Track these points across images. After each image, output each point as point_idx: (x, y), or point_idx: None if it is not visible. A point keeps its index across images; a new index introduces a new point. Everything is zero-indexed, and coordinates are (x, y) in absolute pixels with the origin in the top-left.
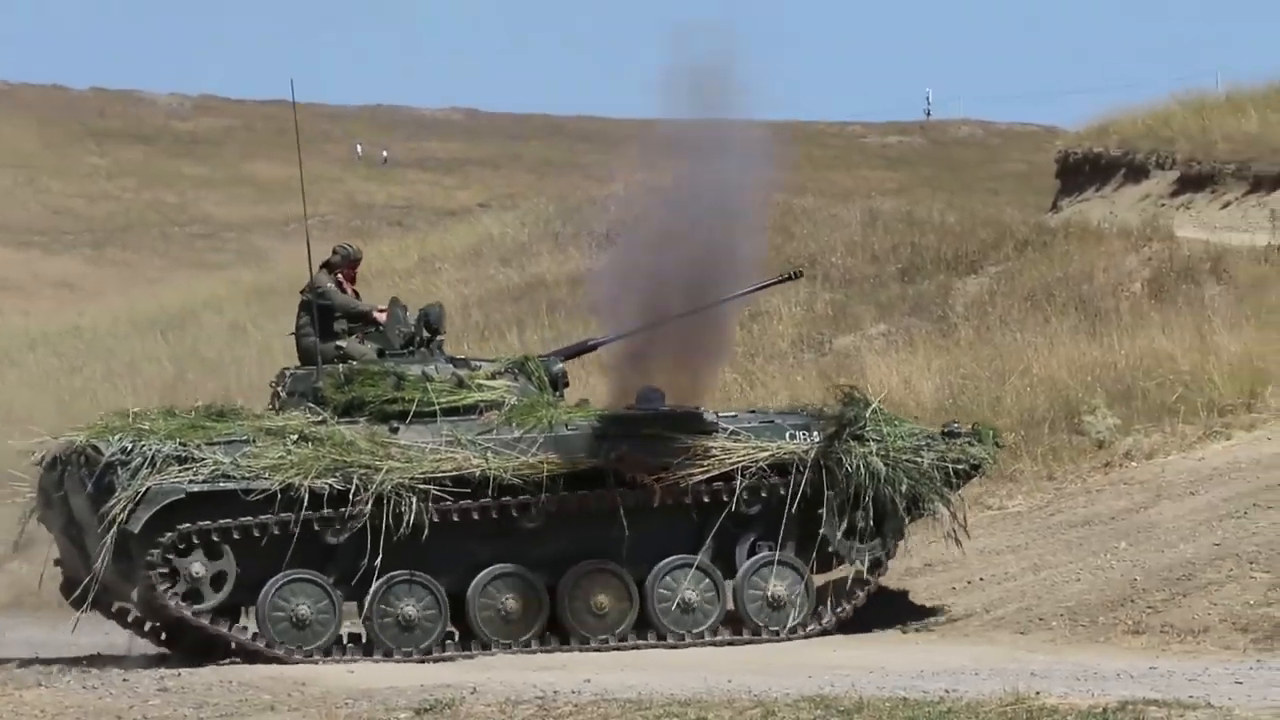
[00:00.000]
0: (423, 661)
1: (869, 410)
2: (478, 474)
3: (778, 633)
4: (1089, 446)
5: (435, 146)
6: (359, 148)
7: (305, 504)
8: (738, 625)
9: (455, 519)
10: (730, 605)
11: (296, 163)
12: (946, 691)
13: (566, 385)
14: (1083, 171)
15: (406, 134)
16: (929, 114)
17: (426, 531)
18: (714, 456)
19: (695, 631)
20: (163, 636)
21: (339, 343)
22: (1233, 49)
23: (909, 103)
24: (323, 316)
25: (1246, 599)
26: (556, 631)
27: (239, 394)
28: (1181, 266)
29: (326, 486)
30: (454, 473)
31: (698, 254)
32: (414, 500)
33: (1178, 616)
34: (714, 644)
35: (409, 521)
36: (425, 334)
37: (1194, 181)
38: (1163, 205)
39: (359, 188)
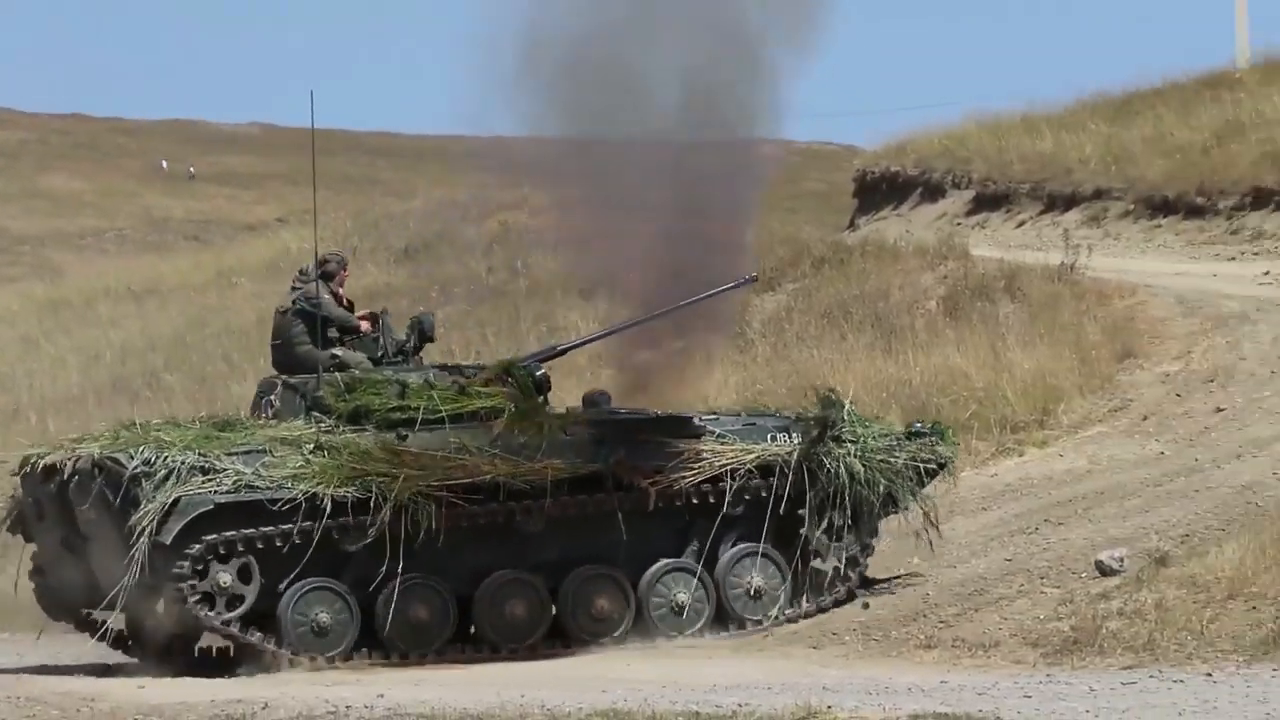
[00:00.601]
0: (436, 664)
1: (844, 412)
2: (488, 480)
3: (760, 623)
4: None
5: (233, 161)
6: (164, 163)
7: (328, 513)
8: (724, 622)
9: (464, 524)
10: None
11: (92, 175)
12: (739, 706)
13: (549, 389)
14: (880, 190)
15: (204, 148)
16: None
17: (442, 538)
18: (704, 460)
19: (688, 633)
20: (130, 644)
21: (334, 351)
22: (1029, 70)
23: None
24: (316, 326)
25: (1037, 614)
26: (559, 636)
27: (30, 408)
28: (976, 285)
29: (348, 495)
30: (466, 480)
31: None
32: (432, 507)
33: (969, 631)
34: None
35: (426, 528)
36: (417, 342)
37: (989, 201)
38: (958, 224)
39: (157, 203)
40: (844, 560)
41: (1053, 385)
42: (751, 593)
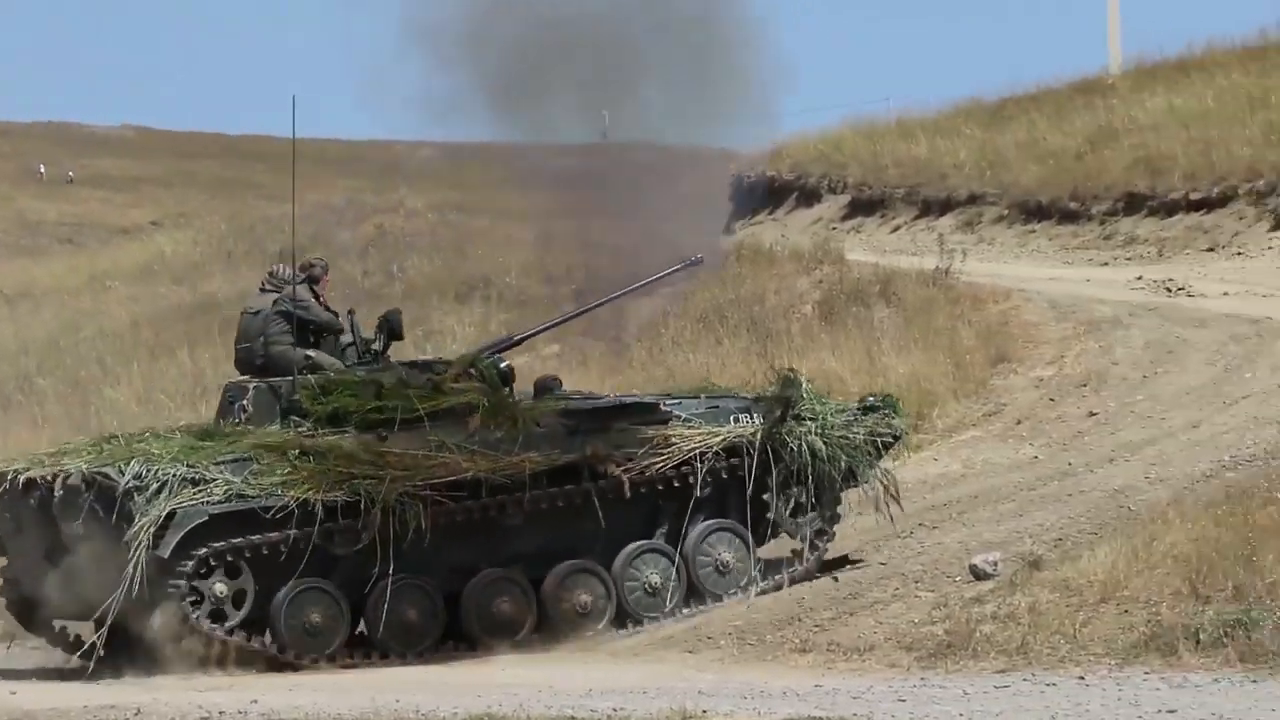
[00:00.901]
0: (426, 663)
1: (802, 390)
2: (469, 477)
3: (729, 594)
4: None
5: (107, 164)
6: (42, 168)
7: (321, 518)
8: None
9: (447, 522)
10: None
11: None
12: (614, 710)
13: (514, 380)
14: (756, 194)
15: (78, 151)
16: (605, 135)
17: (428, 537)
18: (674, 445)
19: (664, 612)
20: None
21: (308, 352)
22: (904, 76)
23: (587, 121)
24: (294, 328)
25: (911, 618)
26: (543, 629)
27: None
28: (852, 289)
29: (337, 499)
30: (450, 478)
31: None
32: (419, 507)
33: (844, 635)
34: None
35: (415, 528)
36: (386, 340)
37: (865, 206)
38: (834, 229)
39: (30, 206)
40: (809, 536)
41: (927, 390)
42: (720, 567)
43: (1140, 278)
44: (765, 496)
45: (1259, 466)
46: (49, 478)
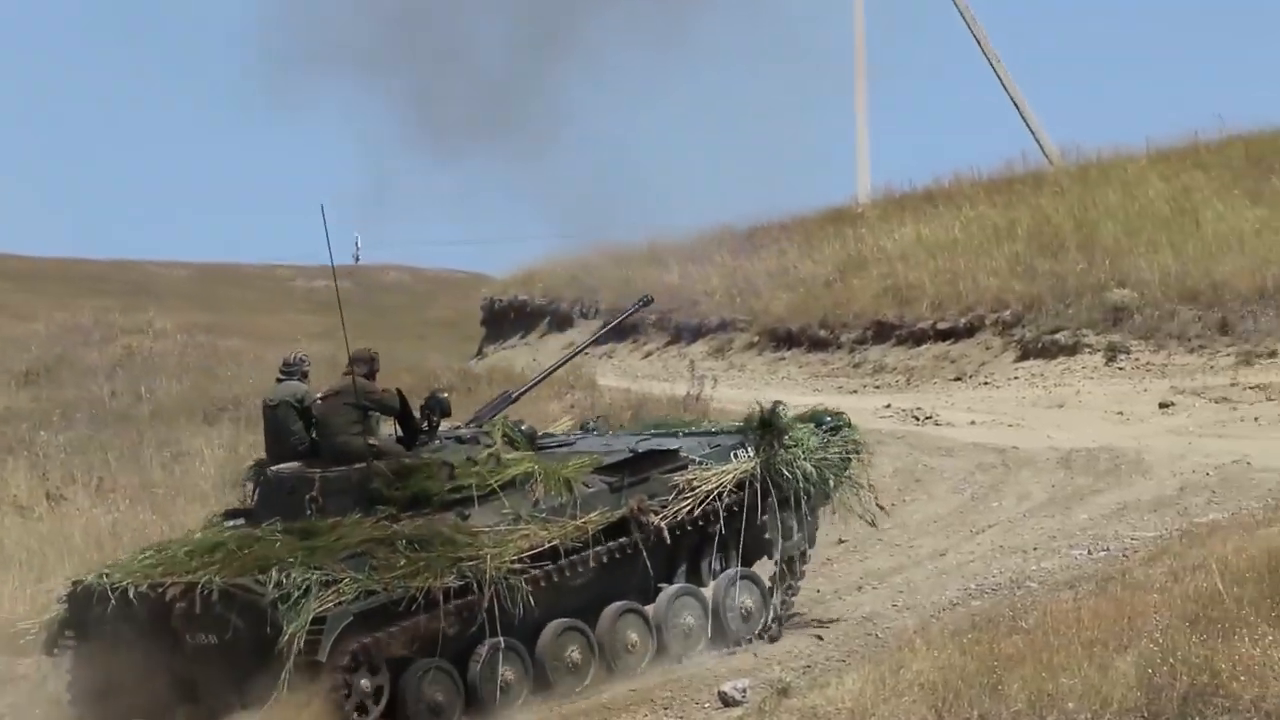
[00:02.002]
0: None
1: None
2: (545, 544)
3: (750, 639)
4: None
5: None
6: None
7: (441, 604)
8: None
9: (529, 588)
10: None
11: None
12: None
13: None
14: (508, 319)
15: None
16: (358, 259)
17: (525, 605)
18: (696, 487)
19: (696, 651)
20: None
21: (370, 441)
22: (656, 203)
23: (338, 247)
24: (363, 416)
25: None
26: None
27: None
28: (603, 413)
29: (450, 584)
30: (533, 549)
31: None
32: (521, 580)
33: None
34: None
35: (516, 600)
36: (437, 420)
37: (616, 331)
38: (586, 353)
39: None
40: (796, 557)
41: None
42: (744, 613)
43: (889, 406)
44: (761, 523)
45: (1004, 595)
46: (168, 592)
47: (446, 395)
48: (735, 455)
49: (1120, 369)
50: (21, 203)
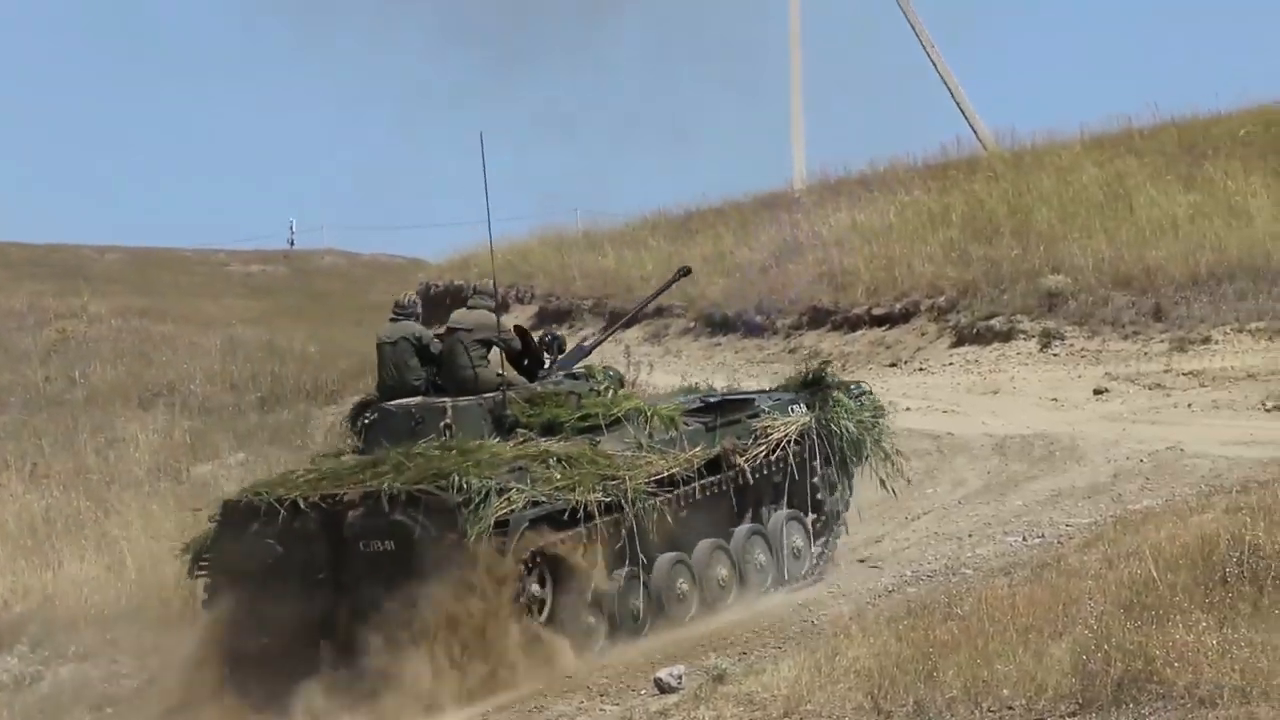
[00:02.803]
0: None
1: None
2: (665, 473)
3: (801, 577)
4: None
5: None
6: None
7: (596, 518)
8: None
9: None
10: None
11: None
12: None
13: (624, 385)
14: (445, 304)
15: None
16: (293, 243)
17: (653, 531)
18: (770, 435)
19: (765, 588)
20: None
21: (499, 371)
22: (591, 190)
23: (274, 231)
24: (488, 352)
25: None
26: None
27: None
28: None
29: (600, 500)
30: (659, 475)
31: None
32: (656, 501)
33: None
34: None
35: (651, 521)
36: (554, 356)
37: (553, 315)
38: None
39: None
40: (840, 509)
41: None
42: (794, 552)
43: None
44: (815, 480)
45: (939, 582)
46: (347, 497)
47: (562, 333)
48: (791, 410)
49: (1055, 355)
50: None
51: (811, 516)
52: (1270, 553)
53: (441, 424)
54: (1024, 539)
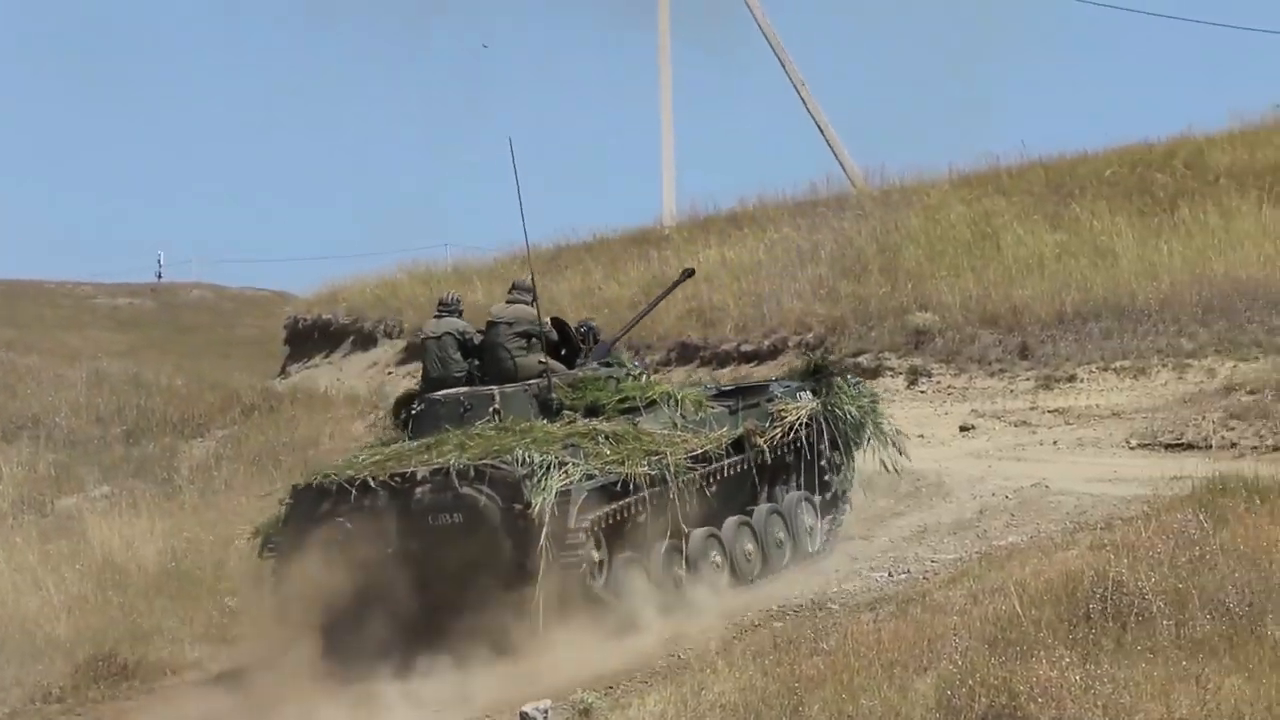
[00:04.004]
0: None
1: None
2: (700, 450)
3: (813, 554)
4: None
5: None
6: None
7: (644, 490)
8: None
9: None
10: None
11: None
12: None
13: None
14: (312, 338)
15: None
16: (160, 276)
17: (691, 505)
18: (785, 419)
19: (784, 564)
20: None
21: (541, 358)
22: (460, 224)
23: (142, 264)
24: (532, 341)
25: None
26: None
27: None
28: None
29: (647, 474)
30: (696, 451)
31: None
32: (696, 475)
33: None
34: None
35: (692, 494)
36: (591, 344)
37: (420, 350)
38: (390, 373)
39: None
40: (846, 488)
41: None
42: (808, 530)
43: None
44: (823, 461)
45: (805, 616)
46: (418, 473)
47: (596, 323)
48: (799, 396)
49: (921, 392)
50: None
51: (818, 496)
52: (1134, 589)
53: (490, 409)
54: (890, 574)
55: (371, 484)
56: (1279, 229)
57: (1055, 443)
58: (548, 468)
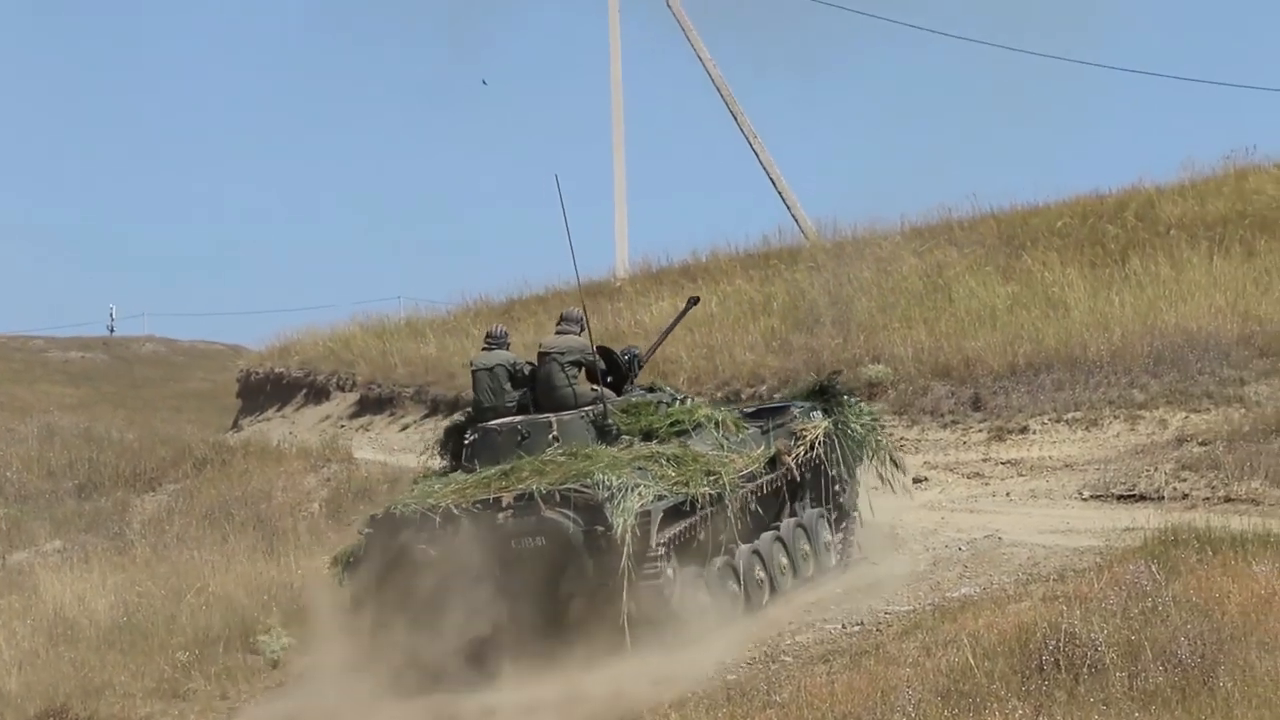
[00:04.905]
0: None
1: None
2: (746, 469)
3: (832, 567)
4: (263, 666)
5: None
6: None
7: (706, 508)
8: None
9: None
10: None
11: None
12: None
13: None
14: (264, 391)
15: None
16: (112, 330)
17: (747, 514)
18: (805, 437)
19: (807, 575)
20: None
21: (593, 387)
22: (413, 277)
23: (94, 317)
24: (583, 371)
25: None
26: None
27: None
28: (360, 487)
29: (708, 492)
30: (744, 470)
31: None
32: (747, 492)
33: None
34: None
35: (746, 510)
36: (635, 372)
37: (373, 404)
38: (343, 426)
39: None
40: (852, 505)
41: None
42: (826, 545)
43: None
44: (832, 475)
45: (759, 668)
46: (503, 499)
47: (639, 350)
48: (811, 416)
49: None
50: None
51: (833, 513)
52: (1086, 641)
53: (549, 436)
54: (843, 626)
55: (455, 511)
56: (1229, 280)
57: (1008, 494)
58: (626, 490)
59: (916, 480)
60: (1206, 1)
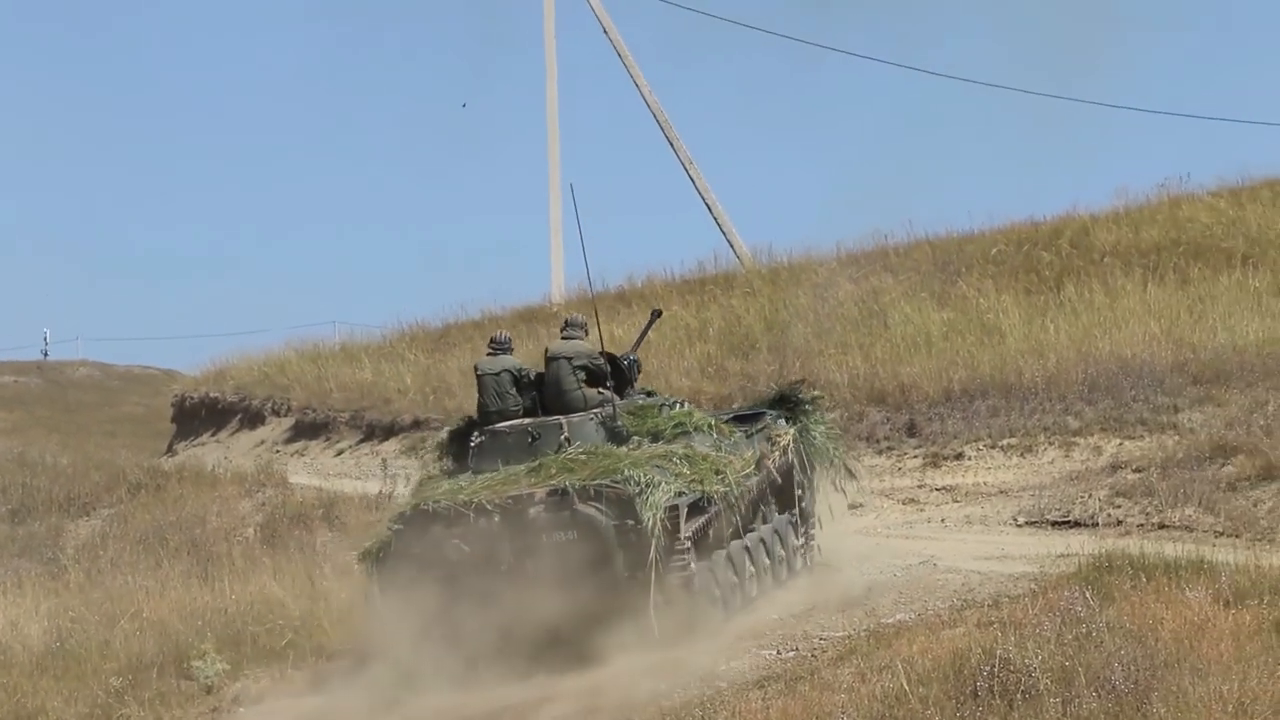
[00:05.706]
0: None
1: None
2: (744, 470)
3: (797, 570)
4: (197, 692)
5: None
6: None
7: (718, 504)
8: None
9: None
10: None
11: None
12: None
13: None
14: (199, 416)
15: None
16: (46, 354)
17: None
18: (780, 443)
19: (784, 577)
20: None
21: (600, 390)
22: (350, 302)
23: (27, 342)
24: (588, 375)
25: None
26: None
27: None
28: (295, 512)
29: (720, 491)
30: (743, 471)
31: None
32: (751, 488)
33: None
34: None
35: (746, 506)
36: (634, 377)
37: (309, 429)
38: (278, 451)
39: None
40: (812, 509)
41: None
42: (791, 550)
43: None
44: (796, 481)
45: (694, 694)
46: (536, 494)
47: (637, 357)
48: (778, 423)
49: None
50: None
51: (796, 516)
52: (1020, 667)
53: (560, 437)
54: (778, 652)
55: (488, 506)
56: (1163, 308)
57: (943, 520)
58: (654, 486)
59: (852, 506)
60: (1140, 32)
